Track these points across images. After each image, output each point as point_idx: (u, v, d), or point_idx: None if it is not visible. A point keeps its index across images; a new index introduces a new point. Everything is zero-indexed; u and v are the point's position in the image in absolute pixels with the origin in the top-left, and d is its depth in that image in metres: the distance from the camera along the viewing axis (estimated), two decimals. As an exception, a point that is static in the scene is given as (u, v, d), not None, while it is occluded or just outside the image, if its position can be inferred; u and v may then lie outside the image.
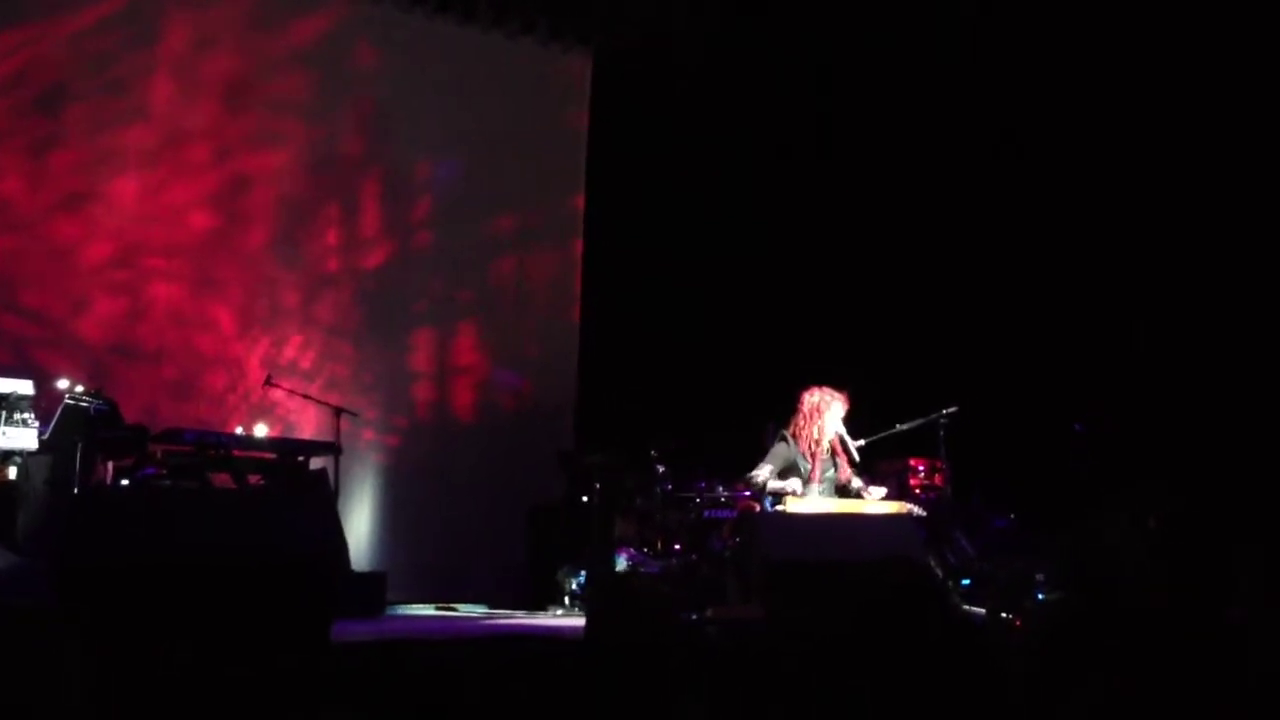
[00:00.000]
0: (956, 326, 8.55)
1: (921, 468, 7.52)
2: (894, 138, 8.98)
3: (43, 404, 5.95)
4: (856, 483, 6.28)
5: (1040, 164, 8.39)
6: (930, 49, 8.69)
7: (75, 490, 5.96)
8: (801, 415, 6.36)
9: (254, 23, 8.53)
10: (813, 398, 6.35)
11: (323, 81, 8.79)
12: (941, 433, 6.77)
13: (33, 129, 7.75)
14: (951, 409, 6.71)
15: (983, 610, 5.69)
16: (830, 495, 6.24)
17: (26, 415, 5.71)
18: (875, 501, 6.15)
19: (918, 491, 7.30)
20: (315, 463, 7.36)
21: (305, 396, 7.95)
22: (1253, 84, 7.50)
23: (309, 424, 8.16)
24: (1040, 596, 5.37)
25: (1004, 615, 5.40)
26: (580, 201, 9.82)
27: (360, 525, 8.41)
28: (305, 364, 8.53)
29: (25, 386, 5.74)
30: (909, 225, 8.94)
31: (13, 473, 5.96)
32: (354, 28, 8.93)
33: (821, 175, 9.24)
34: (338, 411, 7.53)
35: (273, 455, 7.14)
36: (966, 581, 6.34)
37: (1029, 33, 8.27)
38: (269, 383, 7.65)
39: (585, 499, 8.20)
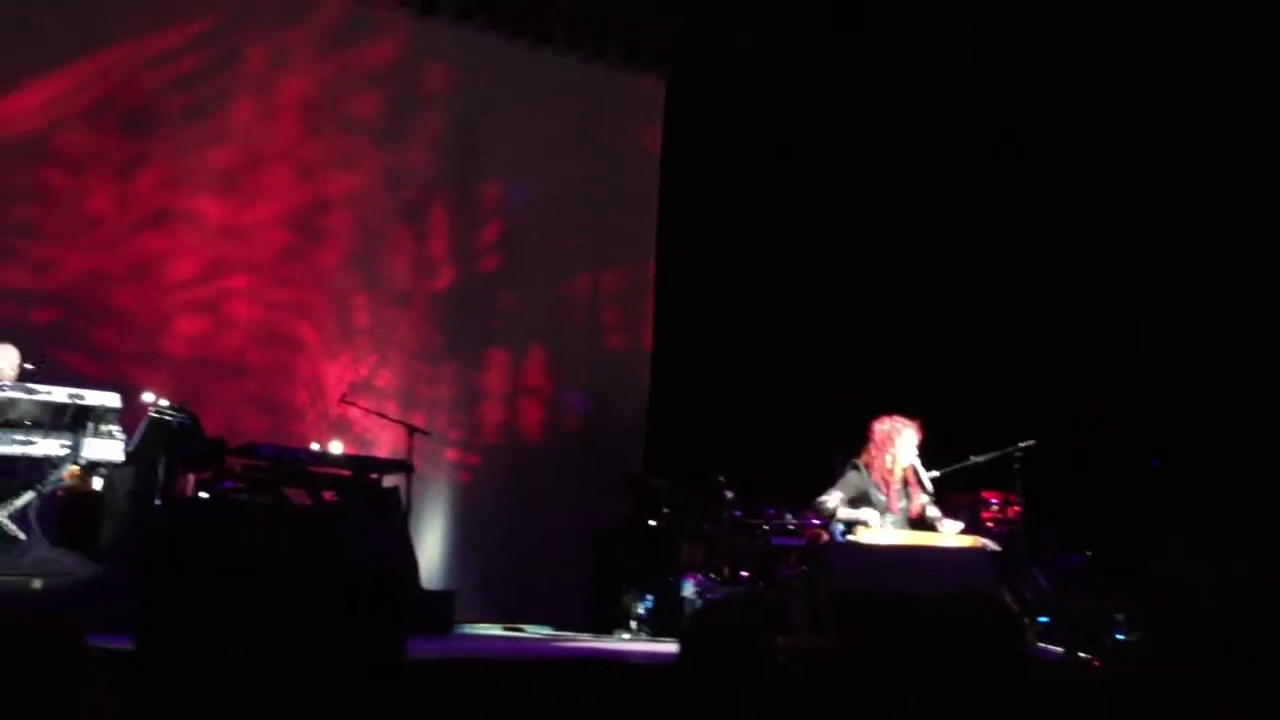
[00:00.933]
0: (1035, 359, 8.41)
1: (995, 501, 7.41)
2: (975, 160, 8.84)
3: (128, 417, 6.08)
4: (933, 512, 6.20)
5: (1139, 196, 8.21)
6: (1018, 67, 8.56)
7: (157, 502, 6.08)
8: (874, 444, 6.30)
9: (329, 44, 8.72)
10: (884, 426, 6.29)
11: (397, 102, 8.95)
12: (1016, 466, 6.66)
13: (120, 150, 7.98)
14: (1028, 443, 6.60)
15: (1060, 649, 5.58)
16: (903, 527, 6.17)
17: (113, 428, 5.83)
18: (947, 535, 6.06)
19: (990, 525, 7.19)
20: (388, 480, 7.44)
21: (379, 415, 8.05)
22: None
23: (383, 441, 8.27)
24: (1120, 636, 5.26)
25: (1082, 654, 5.29)
26: (653, 222, 9.86)
27: (430, 543, 8.48)
28: (380, 382, 8.66)
29: (112, 399, 5.85)
30: (988, 254, 8.79)
31: (98, 484, 6.11)
32: (428, 49, 9.08)
33: (899, 199, 9.12)
34: (410, 430, 7.61)
35: (347, 472, 7.22)
36: (1044, 619, 6.22)
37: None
38: (344, 400, 7.77)
39: (651, 522, 8.20)
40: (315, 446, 7.47)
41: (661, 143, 9.94)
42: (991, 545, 6.01)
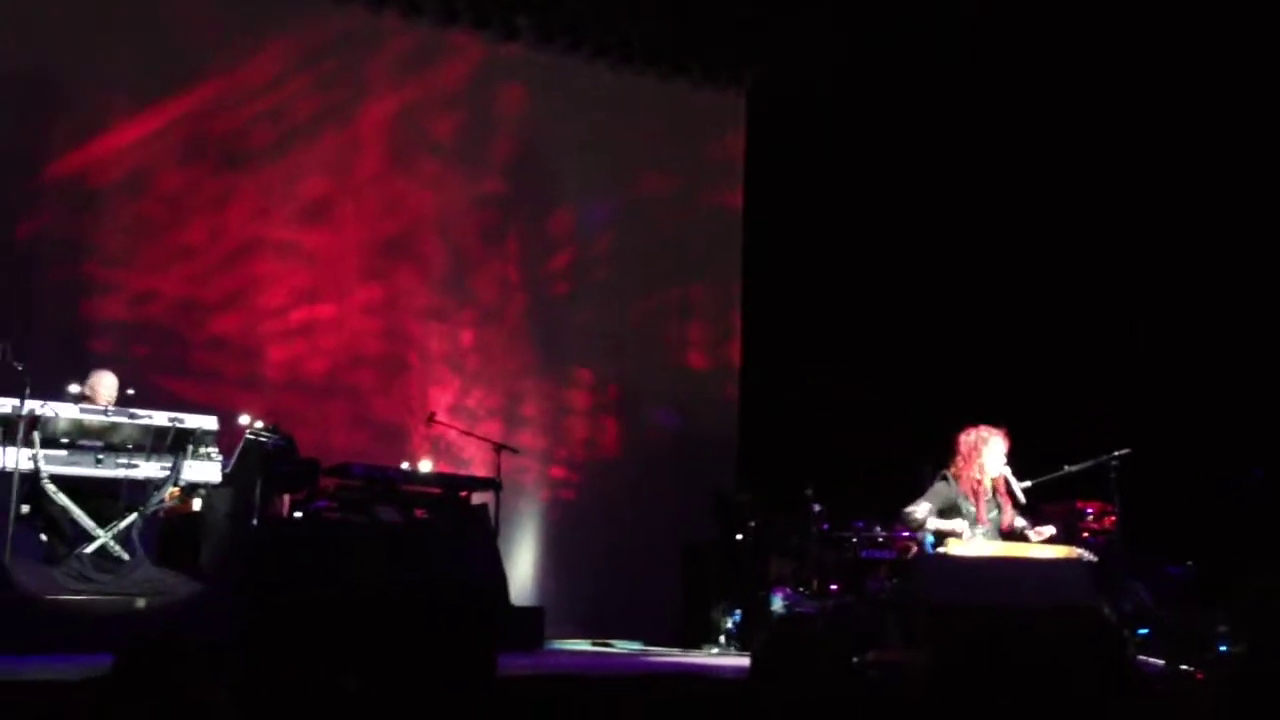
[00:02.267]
0: (1131, 366, 8.22)
1: (1090, 511, 7.23)
2: (1062, 166, 8.71)
3: (225, 439, 6.24)
4: (1021, 523, 6.09)
5: (1229, 206, 8.03)
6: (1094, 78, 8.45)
7: (254, 522, 6.22)
8: (961, 455, 6.20)
9: (408, 70, 8.87)
10: (970, 436, 6.20)
11: (477, 126, 9.08)
12: (1113, 475, 6.49)
13: (213, 184, 8.22)
14: (1123, 451, 6.44)
15: (1161, 661, 5.42)
16: (994, 538, 6.06)
17: (211, 450, 6.00)
18: (1041, 545, 5.95)
19: (1086, 535, 7.02)
20: (477, 498, 7.53)
21: (466, 433, 8.16)
22: None
23: (477, 460, 8.38)
24: (1223, 649, 5.10)
25: (1184, 667, 5.14)
26: (738, 237, 9.86)
27: (519, 560, 8.56)
28: (470, 402, 8.77)
29: (210, 422, 6.02)
30: (1084, 261, 8.62)
31: (198, 504, 6.28)
32: (508, 71, 9.19)
33: (988, 207, 8.99)
34: (498, 448, 7.70)
35: (437, 490, 7.33)
36: (1143, 631, 6.05)
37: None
38: (431, 420, 7.89)
39: (739, 537, 8.18)
40: (405, 465, 7.59)
41: (745, 156, 9.94)
42: (1087, 555, 5.87)
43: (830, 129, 9.27)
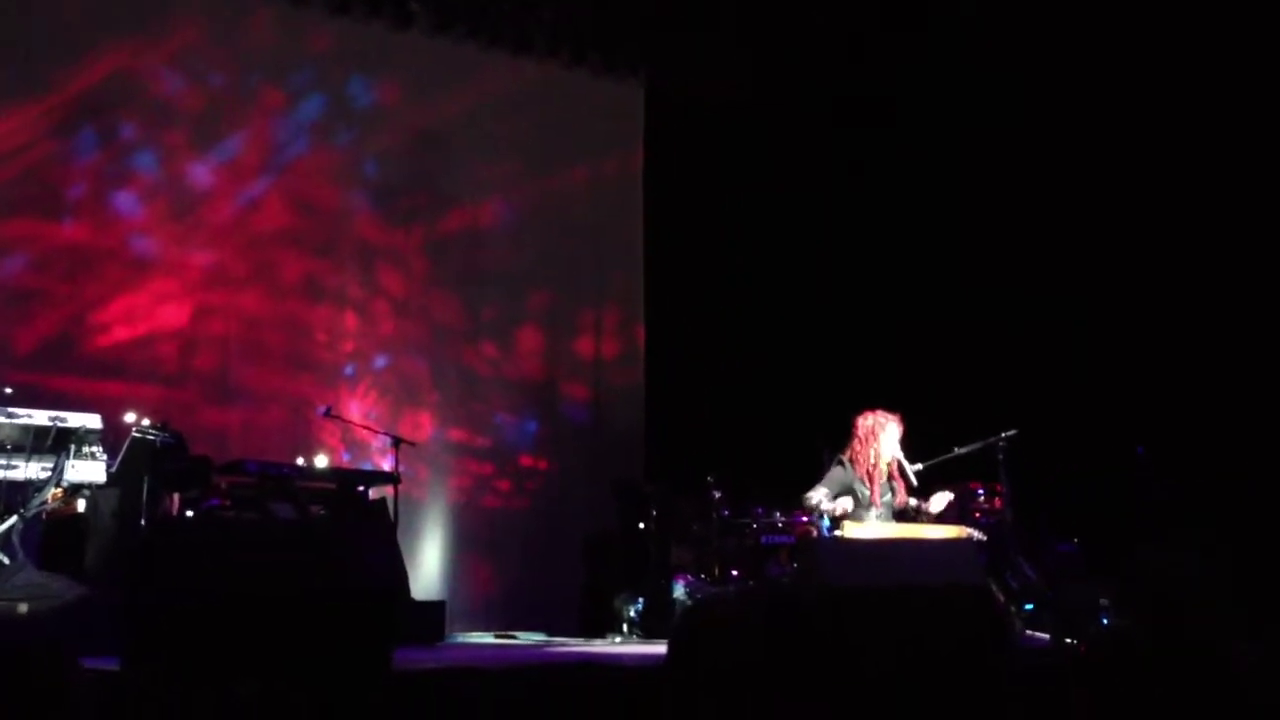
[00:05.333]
0: (1017, 349, 8.46)
1: (980, 491, 7.43)
2: (949, 162, 8.93)
3: (110, 438, 6.07)
4: (915, 501, 6.25)
5: (1107, 187, 8.29)
6: (982, 71, 8.65)
7: (142, 522, 6.06)
8: (857, 439, 6.33)
9: (298, 55, 8.71)
10: (867, 421, 6.34)
11: (373, 113, 8.94)
12: (1001, 456, 6.68)
13: (92, 175, 7.94)
14: (1010, 432, 6.63)
15: (1047, 635, 5.60)
16: (889, 520, 6.19)
17: (95, 449, 5.82)
18: (933, 526, 6.09)
19: (977, 516, 7.21)
20: (375, 493, 7.43)
21: (365, 427, 8.05)
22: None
23: (373, 456, 8.27)
24: (1105, 622, 5.28)
25: (1068, 640, 5.31)
26: (639, 228, 9.87)
27: (423, 554, 8.47)
28: (369, 394, 8.63)
29: (94, 420, 5.85)
30: (967, 248, 8.86)
31: (82, 506, 6.09)
32: (403, 59, 9.05)
33: (879, 200, 9.22)
34: (396, 441, 7.60)
35: (333, 485, 7.22)
36: (1029, 606, 6.24)
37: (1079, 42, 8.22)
38: (328, 414, 7.75)
39: (641, 526, 8.22)
40: (300, 461, 7.45)
41: (644, 147, 9.94)
42: (977, 535, 6.04)
43: (729, 118, 9.36)
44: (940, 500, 6.17)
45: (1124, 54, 8.06)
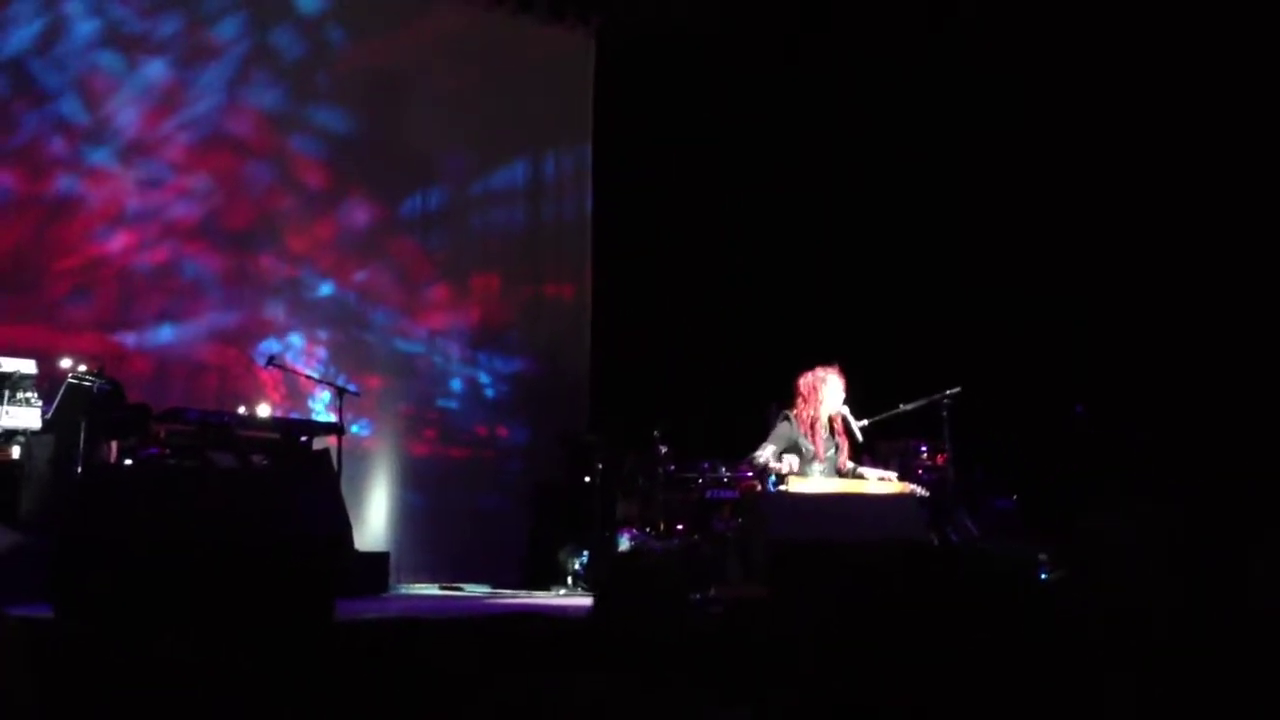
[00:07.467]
0: (960, 308, 8.54)
1: (924, 448, 7.51)
2: (903, 123, 8.95)
3: (45, 384, 5.94)
4: (851, 465, 6.31)
5: (1047, 150, 8.37)
6: (931, 43, 8.68)
7: (78, 470, 5.95)
8: (801, 395, 6.37)
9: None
10: (808, 378, 6.38)
11: (320, 62, 8.77)
12: (944, 413, 6.76)
13: (34, 113, 7.72)
14: (954, 390, 6.70)
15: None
16: (832, 475, 6.24)
17: (30, 394, 5.71)
18: (877, 483, 6.15)
19: (920, 472, 7.29)
20: (320, 442, 7.35)
21: (307, 376, 7.94)
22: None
23: (317, 405, 8.19)
24: (1044, 576, 5.37)
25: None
26: (588, 179, 9.80)
27: (365, 505, 8.41)
28: (313, 342, 8.51)
29: (28, 365, 5.74)
30: (914, 208, 8.93)
31: (16, 452, 5.96)
32: (351, 8, 8.88)
33: (827, 160, 9.21)
34: (340, 391, 7.51)
35: (275, 435, 7.12)
36: (969, 561, 6.33)
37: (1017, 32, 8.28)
38: (271, 363, 7.63)
39: (587, 479, 8.22)
40: (242, 410, 7.34)
41: (595, 92, 9.84)
42: (920, 491, 6.10)
43: (680, 66, 9.28)
44: (873, 475, 6.21)
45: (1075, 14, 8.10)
